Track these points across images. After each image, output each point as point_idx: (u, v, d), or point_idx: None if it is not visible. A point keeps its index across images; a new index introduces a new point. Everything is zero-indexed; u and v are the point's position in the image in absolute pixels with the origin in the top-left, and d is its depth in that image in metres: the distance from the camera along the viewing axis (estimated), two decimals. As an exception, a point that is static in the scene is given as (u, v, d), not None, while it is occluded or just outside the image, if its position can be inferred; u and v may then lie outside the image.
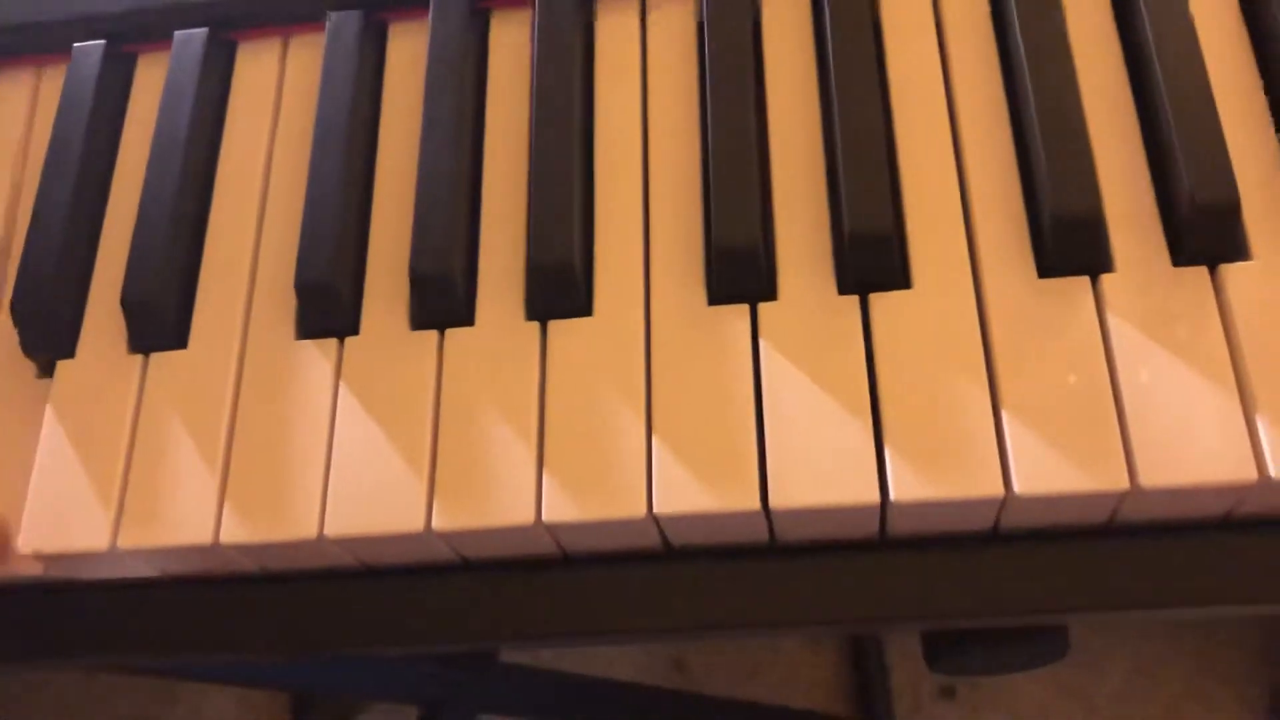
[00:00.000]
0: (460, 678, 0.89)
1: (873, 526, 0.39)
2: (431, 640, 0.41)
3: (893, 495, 0.36)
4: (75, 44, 0.47)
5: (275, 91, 0.47)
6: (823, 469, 0.37)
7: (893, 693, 1.22)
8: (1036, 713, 1.21)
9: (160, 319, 0.42)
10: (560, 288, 0.40)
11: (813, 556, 0.40)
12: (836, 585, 0.40)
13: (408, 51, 0.47)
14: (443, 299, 0.41)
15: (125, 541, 0.39)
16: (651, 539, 0.39)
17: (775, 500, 0.37)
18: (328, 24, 0.46)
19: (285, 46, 0.48)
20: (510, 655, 1.04)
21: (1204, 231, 0.38)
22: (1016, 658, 0.43)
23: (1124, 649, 1.22)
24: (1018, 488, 0.36)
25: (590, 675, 1.18)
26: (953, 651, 0.44)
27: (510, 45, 0.46)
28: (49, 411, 0.42)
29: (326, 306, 0.42)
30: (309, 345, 0.42)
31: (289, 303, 0.43)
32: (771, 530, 0.39)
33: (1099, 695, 1.21)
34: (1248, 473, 0.35)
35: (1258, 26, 0.41)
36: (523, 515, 0.38)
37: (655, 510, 0.37)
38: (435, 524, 0.38)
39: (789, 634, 0.41)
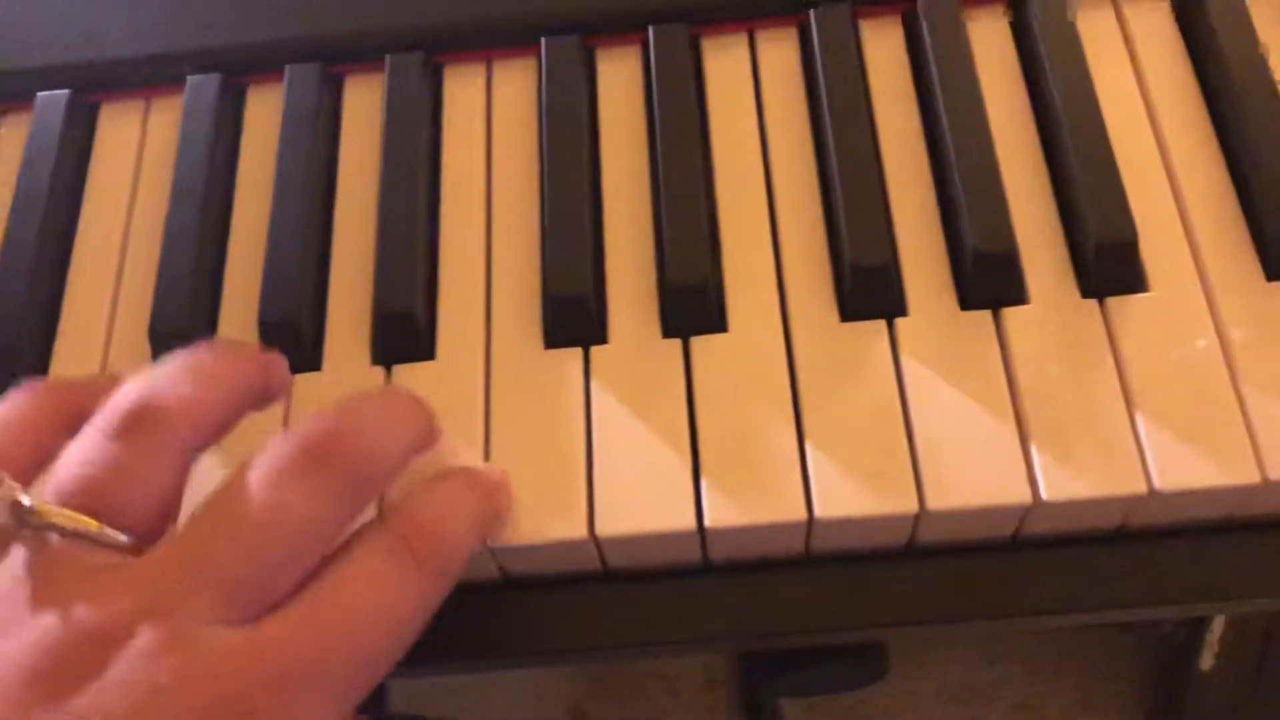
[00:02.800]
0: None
1: (694, 553, 0.42)
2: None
3: (707, 522, 0.39)
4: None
5: (136, 151, 0.49)
6: (644, 499, 0.40)
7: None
8: (926, 749, 1.25)
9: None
10: (403, 335, 0.43)
11: (642, 583, 0.43)
12: (663, 609, 0.42)
13: (264, 113, 0.49)
14: (288, 345, 0.43)
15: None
16: (489, 572, 0.42)
17: (600, 529, 0.40)
18: (187, 86, 0.49)
19: (147, 108, 0.50)
20: (399, 705, 1.04)
21: (985, 279, 0.42)
22: (837, 676, 0.47)
23: (1008, 686, 1.27)
24: (818, 512, 0.39)
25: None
26: (775, 672, 0.47)
27: (363, 107, 0.49)
28: None
29: (181, 354, 0.44)
30: (164, 391, 0.44)
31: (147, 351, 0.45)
32: (604, 558, 0.42)
33: (985, 730, 1.24)
34: (1023, 495, 0.39)
35: (1039, 104, 0.46)
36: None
37: (489, 544, 0.40)
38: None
39: (617, 657, 0.43)
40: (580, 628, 0.42)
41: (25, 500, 0.29)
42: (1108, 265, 0.42)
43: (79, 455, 0.31)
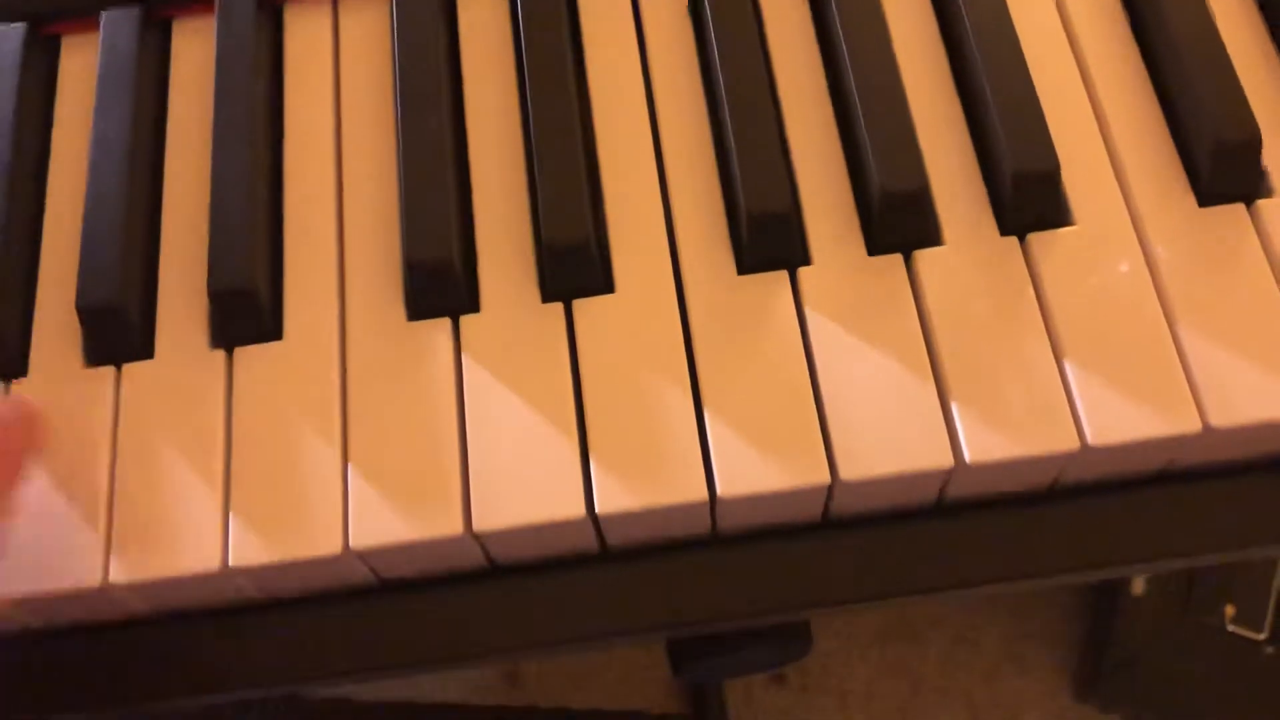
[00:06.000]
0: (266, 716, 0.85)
1: (590, 540, 0.37)
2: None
3: (598, 508, 0.35)
4: None
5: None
6: (527, 486, 0.36)
7: (723, 685, 1.23)
8: (864, 690, 1.23)
9: None
10: (243, 313, 0.38)
11: (534, 576, 0.38)
12: (560, 603, 0.38)
13: (80, 68, 0.43)
14: (115, 331, 0.38)
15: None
16: (360, 574, 0.37)
17: (479, 523, 0.35)
18: (-13, 39, 0.42)
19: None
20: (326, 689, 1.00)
21: (894, 220, 0.38)
22: (756, 659, 0.43)
23: (944, 621, 1.25)
24: (721, 490, 0.35)
25: (416, 700, 1.14)
26: (694, 656, 0.43)
27: (194, 56, 0.43)
28: None
29: (-10, 348, 0.38)
30: (-25, 391, 0.38)
31: (-50, 346, 0.39)
32: (488, 553, 0.37)
33: (923, 667, 1.23)
34: (944, 459, 0.35)
35: (948, 29, 0.42)
36: (207, 561, 0.35)
37: (352, 545, 0.35)
38: (113, 577, 0.35)
39: (511, 658, 0.39)
40: (460, 632, 0.37)
41: None
42: (1027, 198, 0.38)
43: None
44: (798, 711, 1.23)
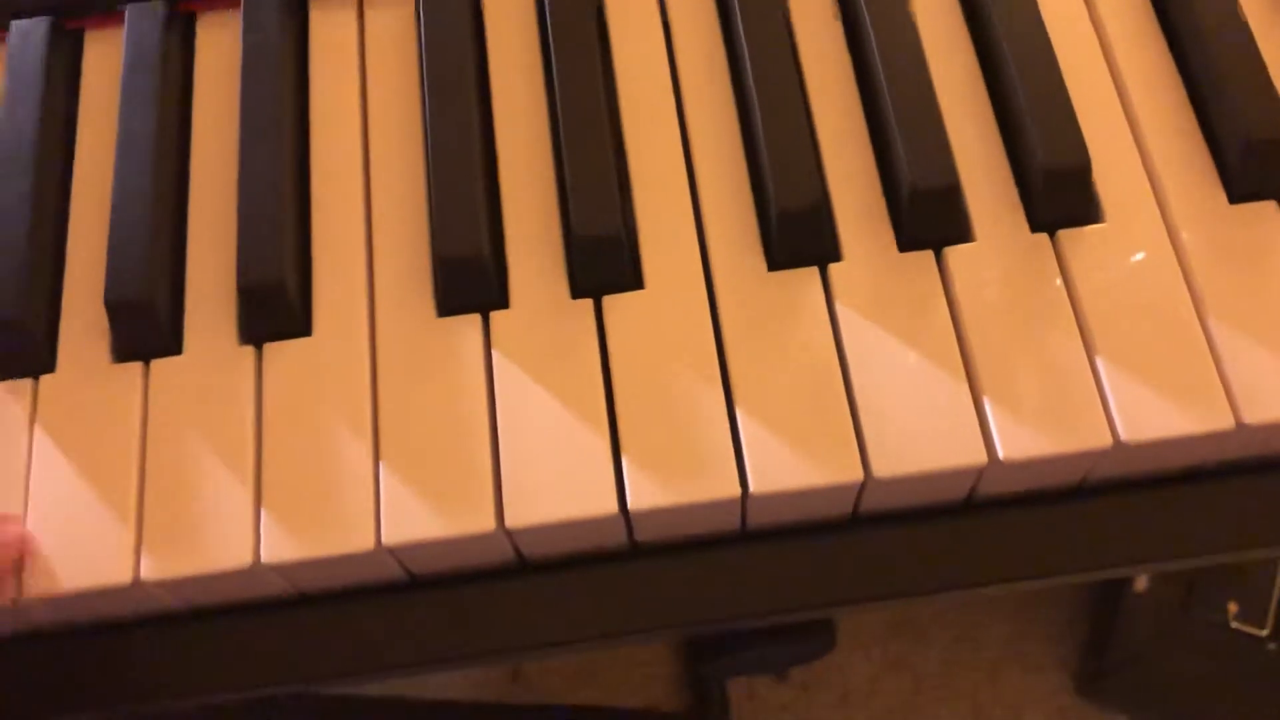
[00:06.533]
0: (272, 713, 0.85)
1: (620, 537, 0.37)
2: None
3: (630, 504, 0.35)
4: None
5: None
6: (559, 483, 0.36)
7: (726, 682, 1.23)
8: (866, 687, 1.23)
9: None
10: (273, 309, 0.37)
11: (565, 572, 0.38)
12: (589, 600, 0.38)
13: (105, 62, 0.43)
14: (143, 328, 0.37)
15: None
16: (392, 570, 0.37)
17: (512, 519, 0.35)
18: (10, 33, 0.42)
19: (-32, 59, 0.44)
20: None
21: (925, 216, 0.38)
22: (781, 656, 0.43)
23: (946, 618, 1.26)
24: (754, 487, 0.35)
25: (423, 697, 1.14)
26: (716, 653, 0.43)
27: (218, 49, 0.43)
28: None
29: (17, 345, 0.38)
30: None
31: (-23, 342, 0.39)
32: (518, 550, 0.37)
33: (925, 665, 1.23)
34: (978, 456, 0.35)
35: (978, 25, 0.42)
36: (239, 558, 0.35)
37: (385, 541, 0.35)
38: (145, 574, 0.35)
39: (539, 656, 0.39)
40: (491, 628, 0.37)
41: None
42: (1058, 194, 0.38)
43: None
44: (799, 708, 1.23)
